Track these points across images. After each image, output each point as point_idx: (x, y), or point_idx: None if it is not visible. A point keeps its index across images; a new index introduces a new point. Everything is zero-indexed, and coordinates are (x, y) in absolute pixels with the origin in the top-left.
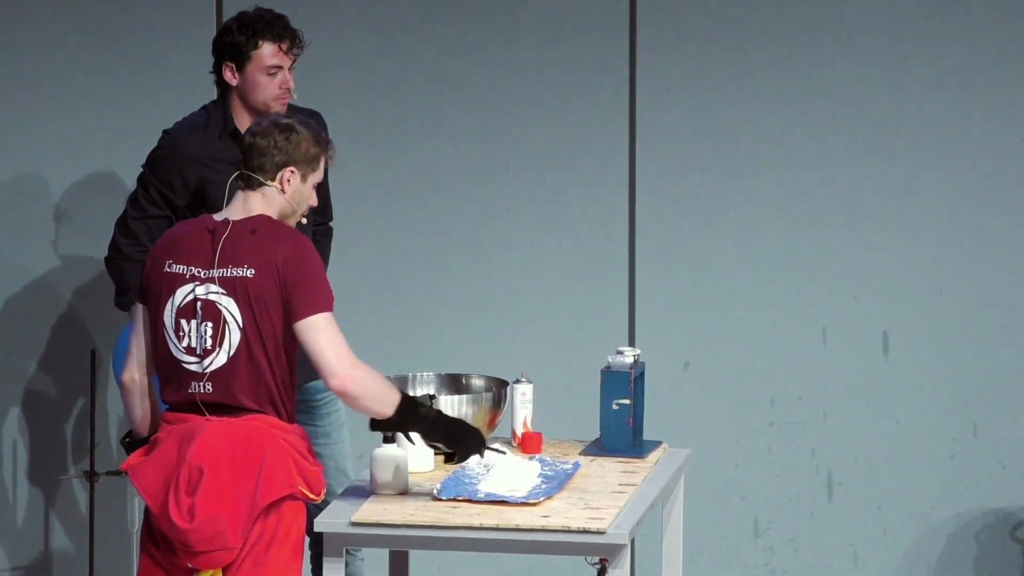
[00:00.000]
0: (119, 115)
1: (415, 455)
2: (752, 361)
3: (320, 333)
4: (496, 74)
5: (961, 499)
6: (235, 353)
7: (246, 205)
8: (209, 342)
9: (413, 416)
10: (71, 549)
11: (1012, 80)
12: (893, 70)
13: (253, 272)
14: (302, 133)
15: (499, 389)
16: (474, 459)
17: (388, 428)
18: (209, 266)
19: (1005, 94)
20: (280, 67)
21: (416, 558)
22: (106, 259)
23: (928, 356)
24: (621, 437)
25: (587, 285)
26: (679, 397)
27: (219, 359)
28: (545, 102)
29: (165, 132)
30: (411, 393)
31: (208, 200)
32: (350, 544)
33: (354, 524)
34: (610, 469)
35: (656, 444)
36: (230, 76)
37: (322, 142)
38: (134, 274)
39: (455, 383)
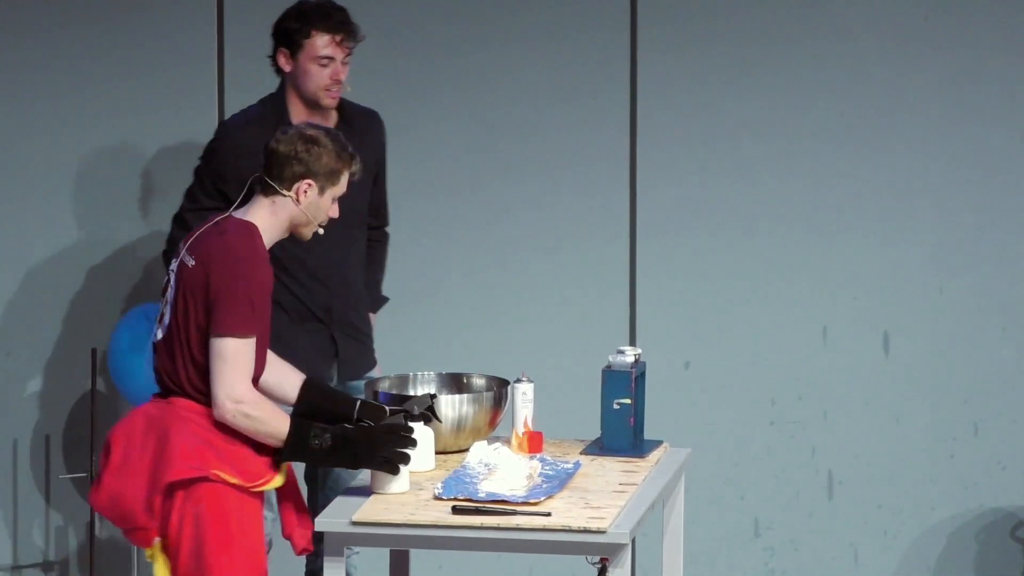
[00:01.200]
0: (119, 115)
1: (416, 455)
2: (752, 361)
3: (219, 359)
4: (496, 74)
5: (961, 499)
6: (166, 333)
7: (250, 208)
8: (158, 314)
9: (304, 449)
10: (71, 549)
11: (1010, 81)
12: (892, 71)
13: (193, 263)
14: (325, 146)
15: (500, 388)
16: (476, 458)
17: (284, 460)
18: (185, 246)
19: (1004, 95)
20: (332, 58)
21: (417, 557)
22: (163, 252)
23: (928, 356)
24: (622, 436)
25: (588, 285)
26: (680, 396)
27: (159, 333)
28: (546, 103)
29: (221, 124)
30: (412, 393)
31: None
32: (351, 543)
33: (355, 523)
34: (611, 468)
35: (657, 443)
36: (284, 62)
37: (345, 157)
38: None
39: (456, 382)
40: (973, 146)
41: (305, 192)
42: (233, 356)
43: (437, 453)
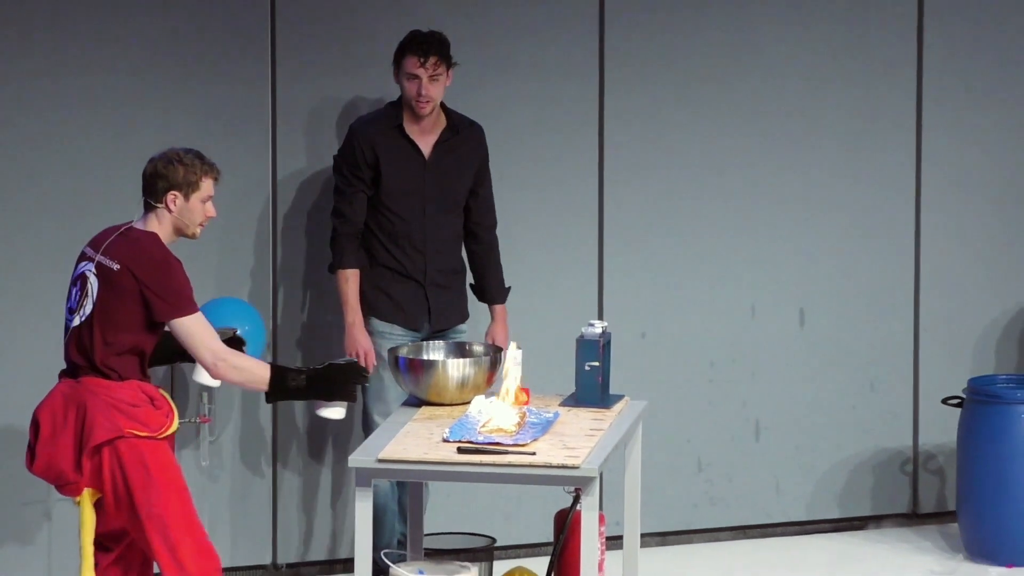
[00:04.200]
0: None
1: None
2: (696, 331)
3: (189, 335)
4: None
5: (861, 441)
6: (86, 320)
7: (144, 222)
8: (75, 305)
9: (284, 388)
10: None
11: (898, 110)
12: (808, 100)
13: (118, 267)
14: (181, 161)
15: (495, 354)
16: (476, 409)
17: (272, 400)
18: (98, 250)
19: (894, 123)
20: (416, 76)
21: (430, 487)
22: (331, 240)
23: (835, 327)
24: (592, 392)
25: (565, 272)
26: (638, 360)
27: (76, 320)
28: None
29: (351, 125)
30: (426, 357)
31: (382, 174)
32: (377, 477)
33: (380, 460)
34: (583, 417)
35: (620, 397)
36: (394, 75)
37: (198, 168)
38: (340, 244)
39: (460, 349)
40: (870, 164)
41: (174, 201)
42: (199, 328)
43: (444, 405)
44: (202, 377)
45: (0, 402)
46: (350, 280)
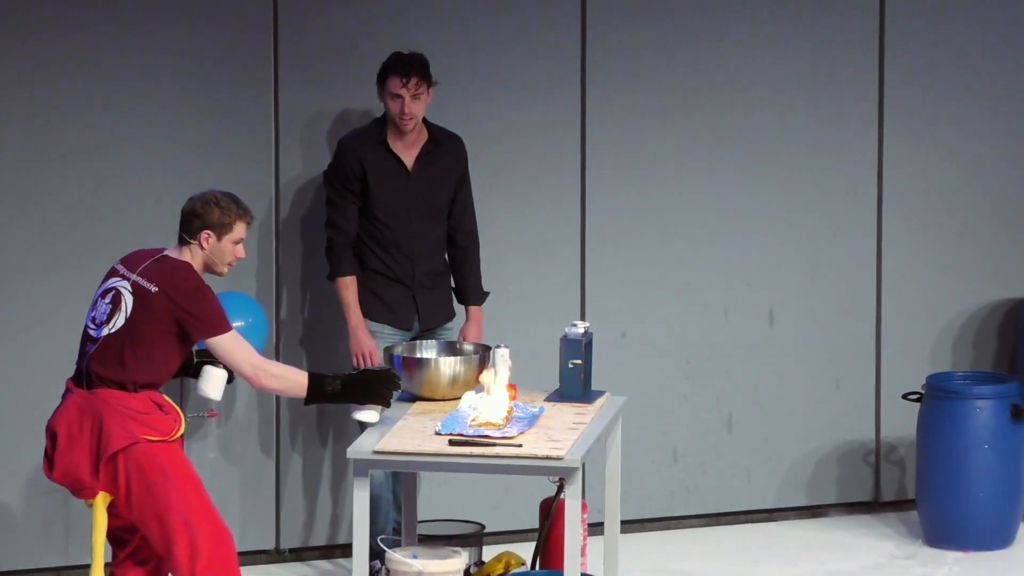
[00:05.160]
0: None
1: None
2: (672, 331)
3: (227, 352)
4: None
5: (827, 434)
6: (114, 332)
7: (179, 253)
8: (104, 317)
9: (321, 393)
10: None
11: (862, 123)
12: (773, 112)
13: (156, 290)
14: (217, 204)
15: (484, 352)
16: (466, 404)
17: (310, 403)
18: (134, 271)
19: (859, 136)
20: (400, 96)
21: (423, 477)
22: (326, 250)
23: (803, 328)
24: (575, 388)
25: (550, 276)
26: (618, 358)
27: (102, 331)
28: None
29: (340, 141)
30: (419, 355)
31: (369, 186)
32: (374, 468)
33: (377, 452)
34: (567, 412)
35: (601, 393)
36: (379, 94)
37: (233, 211)
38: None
39: (452, 347)
40: (834, 174)
41: (207, 240)
42: (236, 345)
43: (437, 400)
44: (206, 390)
45: (23, 398)
46: (349, 287)
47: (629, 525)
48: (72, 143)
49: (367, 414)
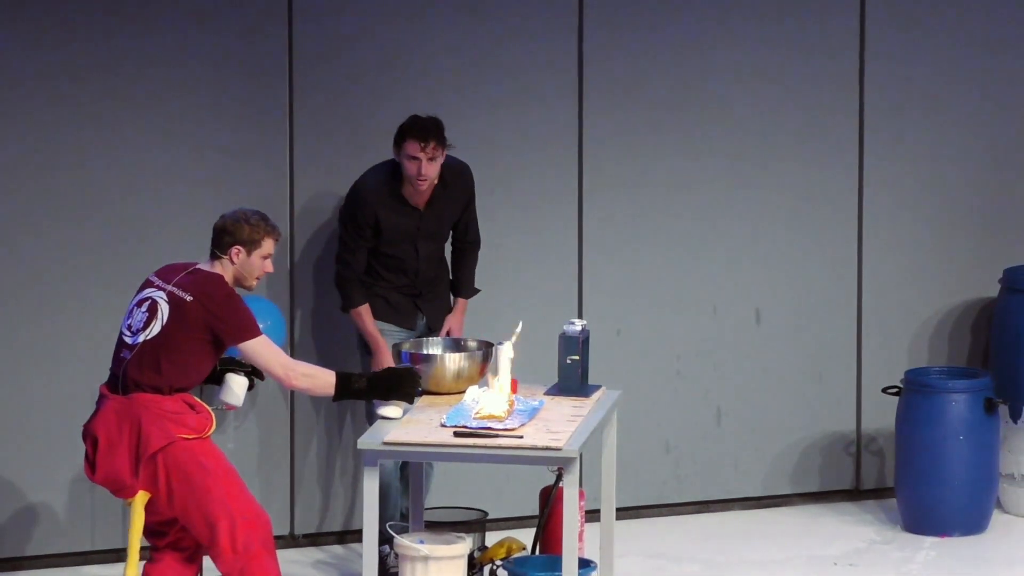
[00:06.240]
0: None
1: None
2: (664, 328)
3: (259, 355)
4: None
5: (810, 425)
6: (151, 339)
7: (211, 265)
8: (141, 325)
9: (349, 390)
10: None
11: (840, 135)
12: (760, 122)
13: (191, 299)
14: (248, 221)
15: (487, 349)
16: (470, 397)
17: (338, 399)
18: (169, 282)
19: (838, 149)
20: (417, 159)
21: (435, 468)
22: (336, 281)
23: (787, 325)
24: (573, 383)
25: (548, 277)
26: (613, 354)
27: (138, 338)
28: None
29: (355, 183)
30: (427, 351)
31: (382, 229)
32: (383, 458)
33: (385, 443)
34: (565, 405)
35: (597, 387)
36: (395, 153)
37: (263, 228)
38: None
39: (456, 344)
40: (817, 180)
41: (237, 255)
42: (266, 349)
43: (442, 394)
44: (228, 397)
45: (55, 394)
46: (364, 315)
47: (624, 512)
48: (111, 153)
49: (391, 410)
